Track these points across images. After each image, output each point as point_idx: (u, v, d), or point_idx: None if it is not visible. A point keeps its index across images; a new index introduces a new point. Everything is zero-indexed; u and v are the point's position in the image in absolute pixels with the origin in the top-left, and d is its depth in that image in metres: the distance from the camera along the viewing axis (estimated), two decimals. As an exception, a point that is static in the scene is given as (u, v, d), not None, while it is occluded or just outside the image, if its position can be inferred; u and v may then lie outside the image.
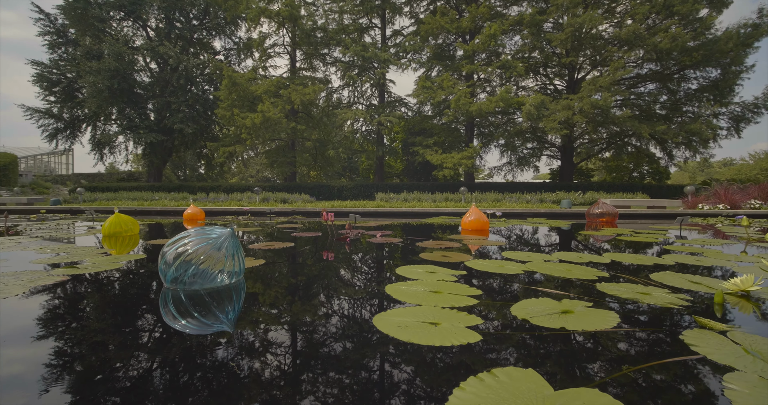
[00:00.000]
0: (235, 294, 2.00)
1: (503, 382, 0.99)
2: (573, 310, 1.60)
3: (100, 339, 1.37)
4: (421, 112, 23.52)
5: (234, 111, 20.02)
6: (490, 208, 8.55)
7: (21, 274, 2.38)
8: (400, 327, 1.43)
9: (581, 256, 3.04)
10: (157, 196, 17.49)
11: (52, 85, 21.37)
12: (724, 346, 1.23)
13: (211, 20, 24.31)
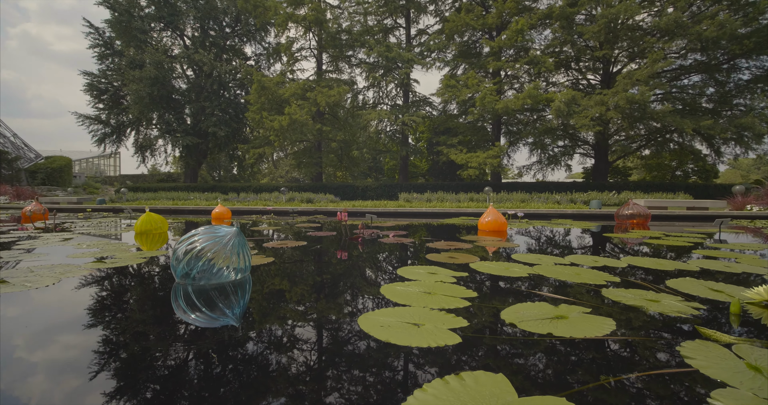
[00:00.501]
0: (240, 289, 2.09)
1: (468, 386, 0.98)
2: (567, 316, 1.53)
3: (110, 325, 1.48)
4: (446, 111, 23.26)
5: (263, 114, 20.74)
6: (511, 209, 8.30)
7: (56, 267, 2.60)
8: (383, 327, 1.44)
9: (596, 259, 2.89)
10: (192, 196, 18.43)
11: (101, 93, 23.12)
12: (725, 360, 1.13)
13: (242, 27, 25.33)
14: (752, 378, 1.02)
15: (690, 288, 2.02)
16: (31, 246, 3.66)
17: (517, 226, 6.00)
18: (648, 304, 1.72)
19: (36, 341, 1.35)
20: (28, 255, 3.16)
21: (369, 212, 9.52)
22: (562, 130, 19.86)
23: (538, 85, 16.37)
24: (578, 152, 23.23)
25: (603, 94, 15.13)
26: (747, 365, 1.10)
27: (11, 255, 3.13)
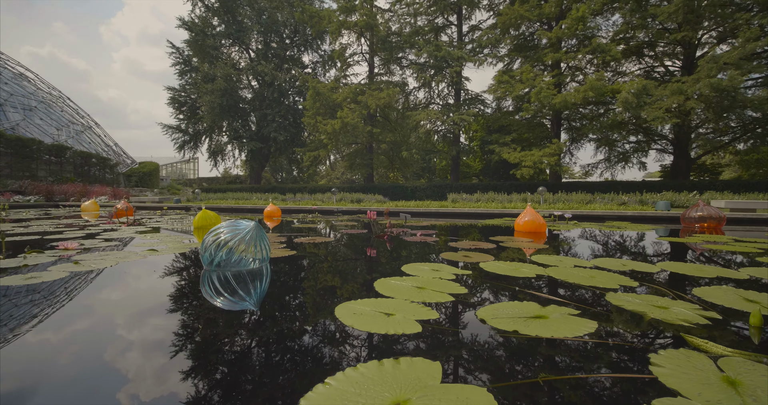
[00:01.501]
0: (258, 277, 2.31)
1: (399, 369, 1.02)
2: (548, 316, 1.47)
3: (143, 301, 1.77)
4: (501, 108, 22.36)
5: (317, 118, 21.86)
6: (558, 210, 7.74)
7: (119, 253, 3.10)
8: (355, 314, 1.52)
9: (625, 263, 2.64)
10: (254, 197, 20.03)
11: (181, 105, 26.28)
12: (699, 371, 1.02)
13: (300, 37, 26.95)
14: (718, 391, 0.92)
15: (720, 297, 1.78)
16: (109, 236, 4.37)
17: (562, 228, 5.61)
18: (652, 310, 1.56)
19: (84, 308, 1.67)
20: (104, 243, 3.78)
21: (411, 212, 9.57)
22: (634, 124, 17.91)
23: (602, 76, 14.97)
24: (654, 148, 20.79)
25: (682, 82, 13.36)
26: (723, 378, 0.98)
27: (92, 243, 3.77)
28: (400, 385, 0.95)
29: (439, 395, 0.90)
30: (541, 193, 12.70)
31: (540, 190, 12.75)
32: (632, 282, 2.09)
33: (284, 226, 6.18)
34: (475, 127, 30.87)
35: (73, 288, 2.03)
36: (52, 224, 6.08)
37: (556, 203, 10.44)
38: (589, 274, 2.25)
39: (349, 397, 0.89)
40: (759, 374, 1.00)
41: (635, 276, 2.27)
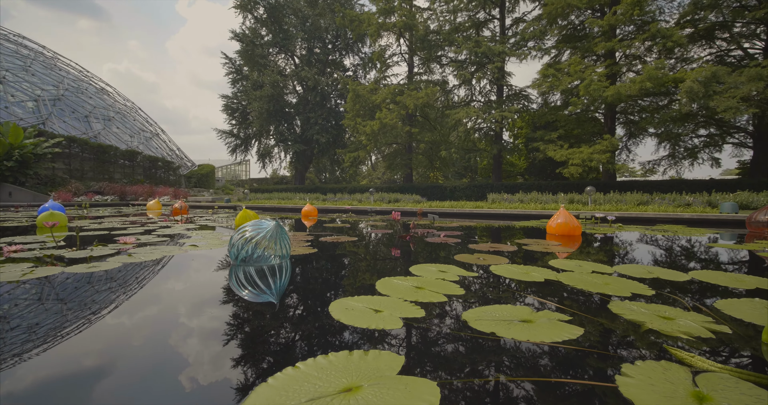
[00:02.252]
0: (279, 272, 2.51)
1: (365, 360, 1.11)
2: (534, 321, 1.46)
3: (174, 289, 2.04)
4: (548, 103, 21.22)
5: (357, 120, 22.35)
6: (600, 212, 7.21)
7: (166, 248, 3.50)
8: (347, 309, 1.62)
9: (651, 270, 2.46)
10: (297, 197, 20.97)
11: (233, 111, 28.26)
12: (669, 384, 0.99)
13: (341, 42, 27.69)
14: (675, 404, 0.89)
15: (745, 311, 1.62)
16: (163, 232, 4.91)
17: (602, 231, 5.27)
18: (653, 320, 1.48)
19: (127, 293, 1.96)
20: (157, 238, 4.27)
21: (445, 213, 9.49)
22: (704, 115, 16.07)
23: (662, 64, 13.62)
24: (730, 142, 18.52)
25: (762, 67, 11.76)
26: (692, 393, 0.94)
27: (147, 238, 4.28)
28: (360, 373, 1.03)
29: (389, 384, 0.97)
30: (589, 194, 11.91)
31: (588, 190, 11.97)
32: (649, 291, 1.96)
33: (317, 225, 6.47)
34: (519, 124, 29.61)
35: (121, 276, 2.36)
36: (121, 221, 6.93)
37: (603, 205, 9.74)
38: (604, 281, 2.15)
39: (310, 380, 1.00)
40: (737, 392, 0.94)
41: (657, 284, 2.12)
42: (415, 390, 0.95)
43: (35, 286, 2.09)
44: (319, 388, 0.96)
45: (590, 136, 17.65)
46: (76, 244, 3.68)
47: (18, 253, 3.12)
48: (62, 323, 1.50)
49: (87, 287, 2.09)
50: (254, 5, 25.88)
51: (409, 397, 0.91)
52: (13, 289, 2.01)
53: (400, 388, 0.95)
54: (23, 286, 2.06)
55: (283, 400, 0.91)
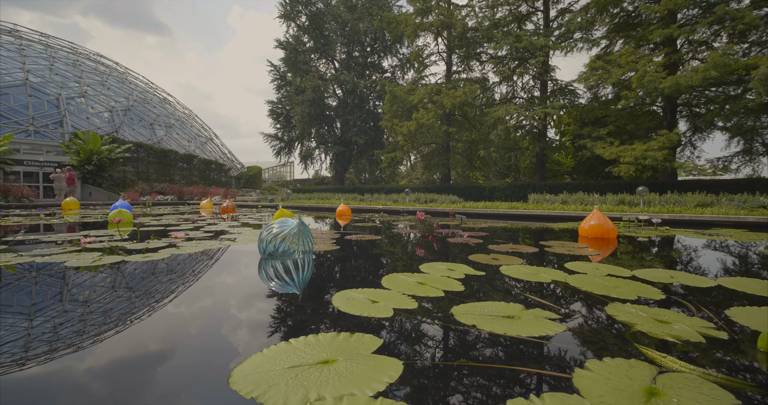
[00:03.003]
0: (301, 264, 2.75)
1: (348, 340, 1.26)
2: (521, 317, 1.52)
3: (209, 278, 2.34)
4: (598, 98, 19.92)
5: (394, 121, 22.56)
6: (644, 214, 6.68)
7: (208, 242, 3.92)
8: (348, 299, 1.78)
9: (674, 275, 2.34)
10: (336, 197, 21.63)
11: (278, 116, 29.82)
12: (625, 379, 1.02)
13: (379, 44, 28.09)
14: (624, 397, 0.93)
15: (755, 319, 1.54)
16: (209, 229, 5.43)
17: (644, 234, 4.95)
18: (647, 323, 1.47)
19: (171, 278, 2.29)
20: (203, 234, 4.75)
21: (478, 214, 9.36)
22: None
23: (731, 50, 12.23)
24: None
25: None
26: (646, 389, 0.97)
27: (195, 234, 4.77)
28: (340, 350, 1.19)
29: (361, 360, 1.11)
30: (641, 194, 11.09)
31: (639, 191, 11.15)
32: (659, 295, 1.90)
33: (348, 224, 6.73)
34: (566, 120, 28.08)
35: (167, 264, 2.73)
36: (176, 218, 7.71)
37: (657, 206, 9.01)
38: (614, 284, 2.11)
39: (297, 353, 1.17)
40: (695, 391, 0.96)
41: (673, 290, 2.04)
42: (381, 366, 1.08)
43: (101, 271, 2.50)
44: (302, 359, 1.13)
45: (645, 132, 16.30)
46: (137, 238, 4.23)
47: (91, 244, 3.67)
48: (118, 296, 1.82)
49: (140, 272, 2.45)
50: (297, 14, 27.11)
51: (374, 371, 1.05)
52: (85, 273, 2.43)
53: (369, 364, 1.09)
54: (92, 271, 2.48)
55: (270, 365, 1.09)
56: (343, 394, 0.93)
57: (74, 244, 3.78)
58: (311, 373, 1.04)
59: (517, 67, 19.52)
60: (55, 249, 3.38)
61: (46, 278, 2.31)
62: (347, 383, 0.99)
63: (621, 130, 16.35)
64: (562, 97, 19.95)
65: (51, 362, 1.15)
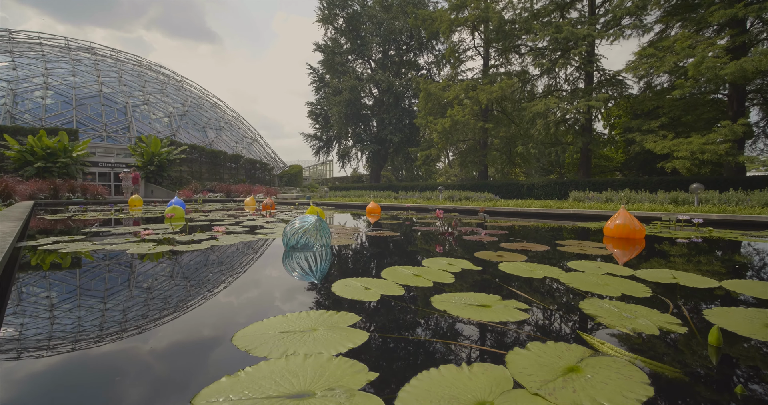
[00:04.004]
0: (319, 256, 3.07)
1: (329, 315, 1.52)
2: (491, 306, 1.68)
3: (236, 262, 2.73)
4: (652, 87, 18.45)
5: (428, 118, 22.53)
6: (683, 213, 6.20)
7: (244, 236, 4.38)
8: (346, 286, 2.04)
9: (677, 275, 2.32)
10: (372, 194, 22.06)
11: (317, 116, 30.93)
12: (554, 358, 1.17)
13: (415, 42, 28.06)
14: (542, 370, 1.09)
15: (730, 319, 1.57)
16: (247, 224, 5.98)
17: (680, 235, 4.71)
18: (611, 316, 1.57)
19: (206, 263, 2.70)
20: (241, 228, 5.27)
21: (508, 212, 9.23)
22: None
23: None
24: None
25: None
26: (570, 366, 1.12)
27: (235, 228, 5.31)
28: (323, 323, 1.45)
29: (336, 331, 1.36)
30: (695, 192, 10.26)
31: (693, 188, 10.31)
32: (645, 293, 1.95)
33: (376, 221, 7.01)
34: (616, 113, 26.28)
35: (205, 253, 3.17)
36: (221, 214, 8.48)
37: (708, 205, 8.32)
38: (606, 282, 2.16)
39: (289, 323, 1.45)
40: (614, 371, 1.09)
41: (665, 289, 2.07)
42: (351, 336, 1.32)
43: (154, 257, 2.98)
44: (291, 327, 1.40)
45: (706, 124, 14.86)
46: (186, 231, 4.82)
47: (149, 236, 4.28)
48: (166, 277, 2.23)
49: (184, 259, 2.90)
50: (334, 17, 27.89)
51: (343, 339, 1.29)
52: (141, 259, 2.92)
53: (342, 334, 1.34)
54: (147, 258, 2.97)
55: (265, 330, 1.37)
56: (314, 352, 1.19)
57: (135, 235, 4.43)
58: (295, 337, 1.31)
59: (559, 59, 18.60)
60: (121, 239, 4.00)
61: (112, 263, 2.82)
62: (320, 346, 1.24)
63: (676, 122, 15.06)
64: (609, 88, 18.71)
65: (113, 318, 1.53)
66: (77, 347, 1.30)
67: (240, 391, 0.96)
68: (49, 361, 1.21)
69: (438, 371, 1.07)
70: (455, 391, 0.97)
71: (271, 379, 1.02)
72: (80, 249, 3.32)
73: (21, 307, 1.74)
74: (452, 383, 1.01)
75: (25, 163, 16.66)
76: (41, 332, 1.45)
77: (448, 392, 0.97)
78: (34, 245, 3.56)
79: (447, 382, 1.02)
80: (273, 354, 1.18)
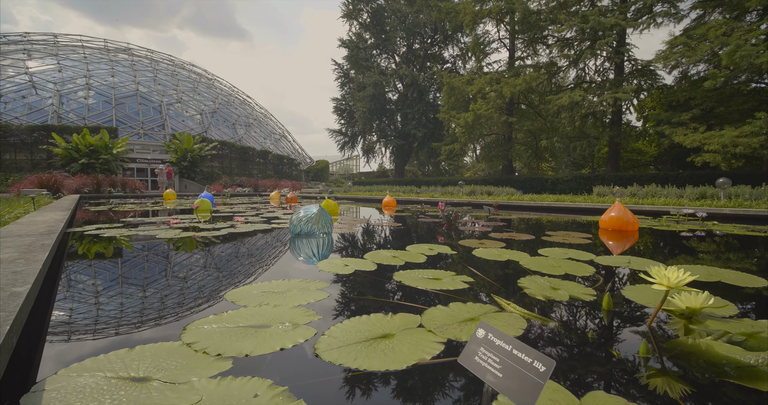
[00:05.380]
0: (320, 242, 3.47)
1: (307, 283, 1.90)
2: (441, 279, 2.01)
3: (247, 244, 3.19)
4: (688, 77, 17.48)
5: (451, 113, 22.46)
6: (688, 207, 6.05)
7: (258, 225, 4.89)
8: (329, 263, 2.42)
9: (631, 260, 2.52)
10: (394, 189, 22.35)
11: (342, 112, 31.46)
12: (465, 313, 1.49)
13: (440, 35, 27.86)
14: (448, 319, 1.42)
15: (642, 293, 1.81)
16: (265, 215, 6.53)
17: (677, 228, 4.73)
18: (536, 288, 1.85)
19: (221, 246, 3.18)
20: (259, 219, 5.80)
21: (519, 206, 9.29)
22: None
23: None
24: None
25: None
26: (471, 317, 1.44)
27: (253, 219, 5.85)
28: (296, 287, 1.83)
29: (307, 292, 1.75)
30: (722, 187, 9.87)
31: (720, 183, 9.92)
32: (586, 272, 2.20)
33: (387, 213, 7.37)
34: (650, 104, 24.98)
35: (221, 238, 3.66)
36: (246, 207, 9.15)
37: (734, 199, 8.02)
38: (558, 264, 2.41)
39: (271, 287, 1.84)
40: (501, 320, 1.40)
41: (606, 270, 2.30)
42: (316, 295, 1.71)
43: (179, 240, 3.51)
44: (272, 289, 1.80)
45: (740, 116, 13.96)
46: (210, 221, 5.41)
47: (177, 224, 4.88)
48: (183, 254, 2.72)
49: (203, 242, 3.40)
50: (359, 12, 28.17)
51: (308, 297, 1.68)
52: (167, 243, 3.45)
53: (309, 294, 1.72)
54: (173, 241, 3.50)
55: (250, 290, 1.79)
56: (282, 304, 1.58)
57: (166, 224, 5.05)
58: (272, 295, 1.71)
59: (586, 50, 17.96)
60: (153, 227, 4.62)
61: (143, 245, 3.37)
62: (288, 301, 1.63)
63: (709, 114, 14.25)
64: (641, 78, 17.88)
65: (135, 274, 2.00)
66: (123, 291, 1.77)
67: (220, 322, 1.37)
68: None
69: (368, 317, 1.43)
70: (373, 327, 1.33)
71: (243, 317, 1.42)
72: (118, 234, 3.93)
73: (71, 270, 2.27)
74: (374, 324, 1.36)
75: (71, 160, 18.28)
76: (91, 285, 1.94)
77: (367, 328, 1.32)
78: (80, 231, 4.22)
79: (371, 323, 1.37)
80: (251, 304, 1.59)
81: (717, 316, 1.49)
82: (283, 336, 1.25)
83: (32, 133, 20.65)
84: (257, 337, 1.23)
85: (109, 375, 0.97)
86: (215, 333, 1.27)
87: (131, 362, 1.04)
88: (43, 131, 20.59)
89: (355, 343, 1.20)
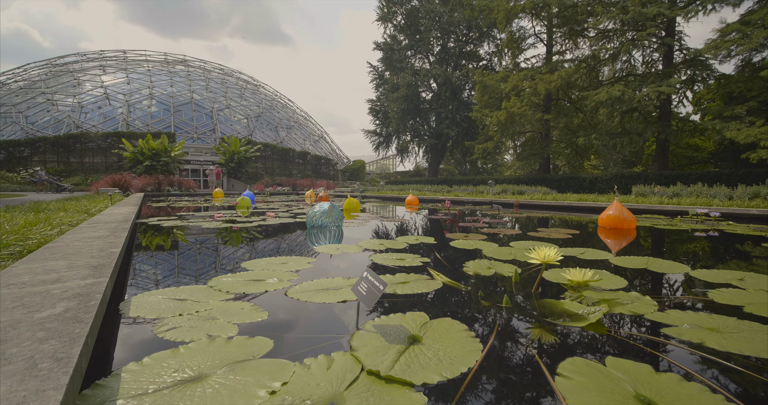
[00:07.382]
0: (330, 232, 4.13)
1: (297, 258, 2.54)
2: (406, 259, 2.55)
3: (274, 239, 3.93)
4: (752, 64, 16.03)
5: (484, 111, 22.35)
6: (702, 207, 5.86)
7: (285, 219, 5.67)
8: (327, 247, 3.05)
9: (585, 252, 2.86)
10: (426, 188, 22.71)
11: (377, 113, 32.31)
12: (402, 285, 2.04)
13: (474, 32, 27.66)
14: (385, 280, 1.97)
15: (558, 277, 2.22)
16: (293, 211, 7.35)
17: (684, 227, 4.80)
18: (483, 269, 2.33)
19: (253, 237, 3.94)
20: (287, 214, 6.62)
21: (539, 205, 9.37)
22: None
23: None
24: None
25: None
26: (401, 281, 1.98)
27: (282, 214, 6.68)
28: (295, 262, 2.47)
29: (299, 263, 2.38)
30: (771, 186, 9.25)
31: (769, 182, 9.33)
32: (533, 259, 2.62)
33: (404, 211, 7.90)
34: (707, 97, 23.02)
35: (251, 227, 4.45)
36: (280, 205, 10.13)
37: None
38: (514, 253, 2.84)
39: (275, 260, 2.50)
40: (423, 283, 1.93)
41: (556, 258, 2.69)
42: (304, 265, 2.33)
43: (222, 230, 4.34)
44: (274, 262, 2.46)
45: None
46: (247, 216, 6.31)
47: (219, 218, 5.81)
48: (221, 237, 3.49)
49: (237, 231, 4.20)
50: (393, 15, 28.78)
51: (299, 266, 2.31)
52: (213, 231, 4.30)
53: (300, 265, 2.36)
54: (217, 230, 4.35)
55: (259, 262, 2.46)
56: (278, 270, 2.22)
57: (211, 217, 6.00)
58: (273, 265, 2.37)
59: (628, 42, 17.08)
60: (200, 219, 5.56)
61: (192, 230, 4.23)
62: (284, 269, 2.28)
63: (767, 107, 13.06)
64: (693, 69, 16.65)
65: (186, 256, 2.77)
66: (176, 258, 2.53)
67: (233, 279, 2.04)
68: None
69: (331, 279, 2.03)
70: (329, 284, 1.92)
71: (249, 276, 2.08)
72: (174, 224, 4.87)
73: (139, 246, 3.10)
74: (331, 283, 1.96)
75: (137, 162, 20.86)
76: (152, 256, 2.73)
77: (326, 284, 1.92)
78: (146, 221, 5.24)
79: (329, 282, 1.96)
80: (257, 269, 2.25)
81: (600, 288, 1.89)
82: (270, 285, 1.88)
83: (106, 139, 23.77)
84: (254, 286, 1.88)
85: (165, 298, 1.66)
86: (229, 282, 1.94)
87: (177, 292, 1.73)
88: (115, 137, 23.63)
89: (313, 290, 1.80)
